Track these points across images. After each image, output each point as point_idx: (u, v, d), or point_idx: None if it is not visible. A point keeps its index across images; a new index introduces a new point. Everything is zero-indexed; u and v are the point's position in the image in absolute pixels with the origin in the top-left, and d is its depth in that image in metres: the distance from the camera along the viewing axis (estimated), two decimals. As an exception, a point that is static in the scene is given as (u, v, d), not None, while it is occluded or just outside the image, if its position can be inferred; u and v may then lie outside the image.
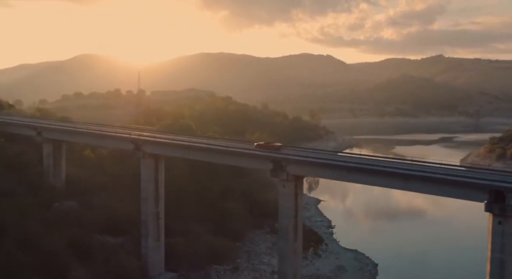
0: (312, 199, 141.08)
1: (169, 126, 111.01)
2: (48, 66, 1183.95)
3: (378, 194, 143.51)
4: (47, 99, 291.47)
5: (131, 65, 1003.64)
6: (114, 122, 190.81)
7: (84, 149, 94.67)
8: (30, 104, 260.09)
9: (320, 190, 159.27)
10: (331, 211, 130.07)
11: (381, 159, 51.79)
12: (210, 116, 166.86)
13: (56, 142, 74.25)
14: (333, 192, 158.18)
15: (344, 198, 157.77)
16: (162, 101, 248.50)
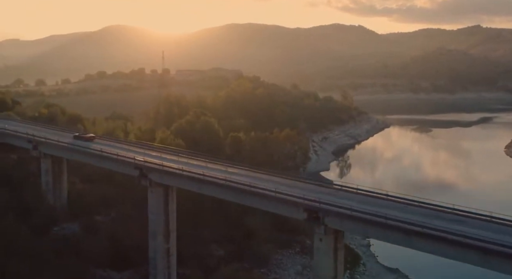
0: None
1: (189, 123, 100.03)
2: (78, 37, 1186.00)
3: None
4: (70, 79, 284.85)
5: (159, 36, 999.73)
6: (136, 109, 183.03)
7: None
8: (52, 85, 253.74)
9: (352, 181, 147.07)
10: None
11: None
12: (236, 103, 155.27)
13: (55, 157, 64.73)
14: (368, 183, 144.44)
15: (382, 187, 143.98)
16: (187, 82, 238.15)
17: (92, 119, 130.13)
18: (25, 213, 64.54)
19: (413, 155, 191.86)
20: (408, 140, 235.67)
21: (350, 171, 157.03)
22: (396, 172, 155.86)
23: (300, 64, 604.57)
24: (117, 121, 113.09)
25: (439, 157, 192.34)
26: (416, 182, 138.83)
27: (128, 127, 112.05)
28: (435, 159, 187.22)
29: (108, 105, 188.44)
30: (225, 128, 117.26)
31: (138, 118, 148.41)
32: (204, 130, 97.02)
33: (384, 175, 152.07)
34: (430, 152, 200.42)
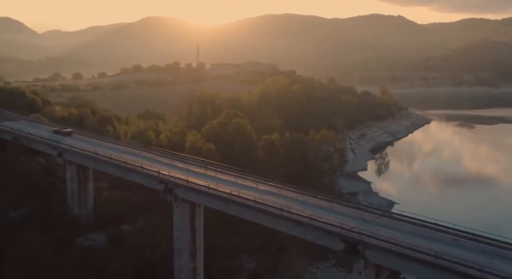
0: (382, 201, 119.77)
1: (221, 125, 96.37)
2: (117, 28, 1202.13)
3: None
4: (106, 72, 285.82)
5: (196, 27, 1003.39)
6: (169, 104, 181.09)
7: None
8: (89, 79, 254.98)
9: (392, 182, 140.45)
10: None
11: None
12: (271, 100, 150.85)
13: (81, 164, 62.14)
14: (412, 188, 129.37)
15: (430, 199, 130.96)
16: (221, 76, 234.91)
17: (124, 117, 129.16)
18: (49, 223, 62.29)
19: (456, 155, 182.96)
20: (450, 137, 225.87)
21: (389, 171, 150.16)
22: (438, 174, 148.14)
23: (338, 56, 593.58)
24: (149, 121, 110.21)
25: (484, 157, 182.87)
26: (461, 184, 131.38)
27: (160, 127, 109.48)
28: (479, 158, 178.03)
29: (142, 100, 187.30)
30: (259, 128, 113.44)
31: (171, 116, 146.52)
32: (237, 132, 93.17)
33: (425, 177, 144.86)
34: (473, 151, 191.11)
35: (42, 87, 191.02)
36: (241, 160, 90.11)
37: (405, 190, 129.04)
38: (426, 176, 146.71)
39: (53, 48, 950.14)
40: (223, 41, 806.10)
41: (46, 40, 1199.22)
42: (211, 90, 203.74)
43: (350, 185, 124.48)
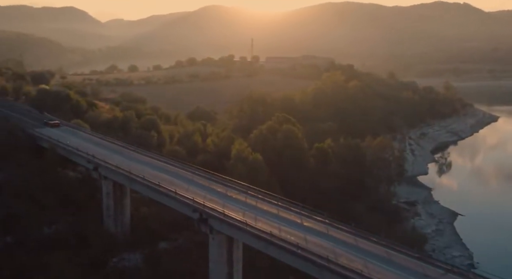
0: (445, 212, 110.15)
1: (271, 130, 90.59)
2: (177, 17, 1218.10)
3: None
4: (163, 63, 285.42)
5: (254, 15, 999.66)
6: (222, 100, 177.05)
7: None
8: (144, 71, 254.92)
9: (456, 188, 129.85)
10: (475, 235, 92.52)
11: None
12: (326, 99, 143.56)
13: (118, 178, 58.59)
14: (479, 196, 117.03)
15: (496, 211, 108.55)
16: (276, 70, 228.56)
17: (174, 115, 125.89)
18: (83, 241, 58.95)
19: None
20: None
21: (452, 176, 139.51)
22: (510, 179, 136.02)
23: (398, 46, 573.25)
24: (197, 123, 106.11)
25: None
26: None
27: (208, 129, 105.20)
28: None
29: (194, 96, 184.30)
30: (311, 132, 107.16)
31: (222, 114, 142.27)
32: (286, 140, 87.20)
33: (494, 182, 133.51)
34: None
35: (96, 81, 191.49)
36: (290, 170, 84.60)
37: (471, 198, 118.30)
38: (495, 181, 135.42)
39: (114, 37, 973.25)
40: (281, 29, 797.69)
41: (109, 29, 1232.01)
42: (265, 85, 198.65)
43: (408, 192, 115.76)
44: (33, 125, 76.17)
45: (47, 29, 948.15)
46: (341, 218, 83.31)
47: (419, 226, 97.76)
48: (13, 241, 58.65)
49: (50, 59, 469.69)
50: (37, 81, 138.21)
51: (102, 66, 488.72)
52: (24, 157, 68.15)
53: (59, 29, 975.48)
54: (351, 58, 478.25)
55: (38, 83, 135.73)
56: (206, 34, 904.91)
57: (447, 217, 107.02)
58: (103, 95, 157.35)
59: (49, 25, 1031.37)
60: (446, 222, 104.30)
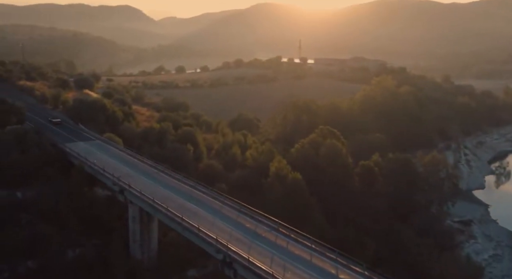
0: (503, 233, 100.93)
1: (313, 145, 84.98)
2: (229, 14, 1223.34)
3: None
4: (209, 65, 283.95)
5: (306, 13, 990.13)
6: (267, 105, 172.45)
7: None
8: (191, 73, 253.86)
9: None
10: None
11: None
12: (375, 105, 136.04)
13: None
14: None
15: None
16: (325, 72, 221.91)
17: (215, 123, 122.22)
18: (108, 267, 55.68)
19: None
20: None
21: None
22: None
23: (455, 45, 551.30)
24: (237, 133, 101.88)
25: None
26: None
27: (248, 140, 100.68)
28: None
29: (239, 99, 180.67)
30: (357, 145, 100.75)
31: (265, 121, 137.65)
32: (329, 156, 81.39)
33: None
34: None
35: (142, 84, 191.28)
36: (332, 190, 78.92)
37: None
38: None
39: (167, 35, 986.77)
40: (332, 28, 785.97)
41: (162, 27, 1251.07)
42: (312, 88, 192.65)
43: (463, 209, 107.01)
44: (65, 139, 73.85)
45: (103, 27, 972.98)
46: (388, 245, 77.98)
47: (474, 250, 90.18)
48: (35, 265, 56.19)
49: (104, 58, 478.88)
50: (81, 85, 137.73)
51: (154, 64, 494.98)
52: (53, 174, 65.71)
53: (114, 27, 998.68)
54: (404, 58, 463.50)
55: (82, 87, 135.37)
56: (256, 32, 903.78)
57: (506, 240, 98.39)
58: (147, 99, 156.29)
59: (104, 24, 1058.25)
60: (505, 245, 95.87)
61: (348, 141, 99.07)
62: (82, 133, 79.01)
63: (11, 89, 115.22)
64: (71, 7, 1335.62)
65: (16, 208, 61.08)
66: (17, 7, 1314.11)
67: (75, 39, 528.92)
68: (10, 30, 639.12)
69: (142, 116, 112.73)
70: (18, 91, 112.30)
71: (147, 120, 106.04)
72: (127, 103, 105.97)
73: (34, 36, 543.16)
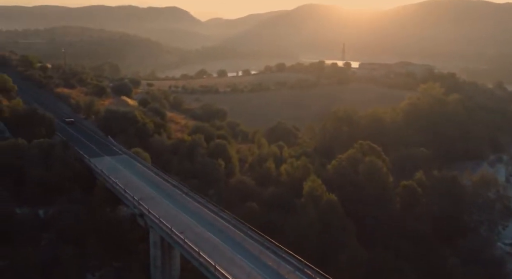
0: None
1: (351, 161, 79.94)
2: (274, 16, 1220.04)
3: None
4: (252, 67, 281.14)
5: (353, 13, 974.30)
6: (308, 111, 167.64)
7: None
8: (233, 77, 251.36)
9: None
10: None
11: None
12: (421, 115, 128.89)
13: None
14: None
15: None
16: (369, 78, 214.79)
17: (252, 132, 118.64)
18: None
19: None
20: None
21: None
22: None
23: (505, 46, 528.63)
24: (273, 146, 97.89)
25: None
26: None
27: (284, 153, 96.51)
28: None
29: (279, 106, 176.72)
30: (400, 160, 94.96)
31: (304, 130, 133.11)
32: (369, 175, 76.22)
33: None
34: None
35: (182, 88, 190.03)
36: (370, 211, 73.74)
37: None
38: None
39: (213, 37, 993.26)
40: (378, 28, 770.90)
41: (208, 28, 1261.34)
42: (355, 95, 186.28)
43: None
44: (93, 153, 71.71)
45: (150, 29, 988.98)
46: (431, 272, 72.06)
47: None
48: (52, 291, 53.86)
49: (149, 59, 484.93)
50: (118, 92, 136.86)
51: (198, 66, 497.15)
52: (77, 191, 63.54)
53: (161, 29, 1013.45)
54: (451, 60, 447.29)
55: (119, 94, 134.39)
56: (301, 33, 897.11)
57: None
58: (186, 105, 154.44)
59: (152, 25, 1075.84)
60: None
61: (390, 156, 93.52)
62: (110, 147, 76.84)
63: (48, 97, 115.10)
64: (120, 9, 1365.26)
65: (37, 227, 59.13)
66: (69, 8, 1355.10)
67: (122, 41, 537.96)
68: (61, 32, 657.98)
69: (177, 125, 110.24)
70: (55, 98, 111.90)
71: (181, 130, 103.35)
72: (161, 112, 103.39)
73: (84, 37, 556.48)
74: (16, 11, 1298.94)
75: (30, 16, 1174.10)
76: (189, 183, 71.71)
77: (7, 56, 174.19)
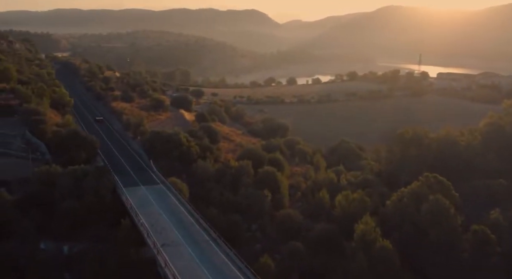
0: None
1: (414, 197, 70.49)
2: (353, 18, 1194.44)
3: None
4: (326, 72, 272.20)
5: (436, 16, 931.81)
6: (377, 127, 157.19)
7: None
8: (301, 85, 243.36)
9: None
10: None
11: None
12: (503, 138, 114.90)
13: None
14: None
15: None
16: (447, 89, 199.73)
17: (311, 151, 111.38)
18: None
19: None
20: None
21: None
22: None
23: None
24: (330, 172, 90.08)
25: None
26: None
27: (342, 180, 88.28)
28: None
29: (347, 119, 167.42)
30: (474, 194, 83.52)
31: (370, 150, 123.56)
32: (433, 215, 66.59)
33: None
34: None
35: (247, 99, 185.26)
36: (434, 258, 64.21)
37: None
38: None
39: (290, 39, 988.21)
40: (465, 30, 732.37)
41: (286, 30, 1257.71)
42: (430, 108, 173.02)
43: None
44: (129, 181, 67.49)
45: (229, 31, 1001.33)
46: None
47: None
48: None
49: (222, 64, 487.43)
50: (178, 104, 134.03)
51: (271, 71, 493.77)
52: (105, 225, 59.26)
53: (239, 31, 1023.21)
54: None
55: (178, 107, 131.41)
56: (380, 36, 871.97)
57: None
58: (247, 118, 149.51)
59: (231, 28, 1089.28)
60: None
61: (463, 187, 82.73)
62: (149, 173, 72.38)
63: (104, 111, 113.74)
64: (201, 12, 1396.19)
65: (60, 266, 55.38)
66: (153, 12, 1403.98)
67: (197, 45, 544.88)
68: (142, 35, 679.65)
69: (230, 144, 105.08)
70: (110, 113, 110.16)
71: (233, 150, 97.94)
72: (214, 131, 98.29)
73: (162, 41, 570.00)
74: (104, 14, 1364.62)
75: (116, 19, 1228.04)
76: (230, 217, 66.02)
77: (78, 65, 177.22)
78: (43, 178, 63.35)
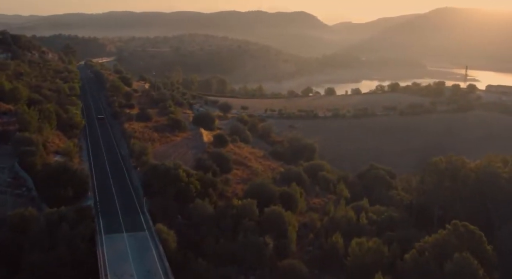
0: None
1: (437, 250, 60.55)
2: (405, 20, 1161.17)
3: None
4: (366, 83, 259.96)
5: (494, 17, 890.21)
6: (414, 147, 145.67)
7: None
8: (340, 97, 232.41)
9: None
10: None
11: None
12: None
13: None
14: None
15: None
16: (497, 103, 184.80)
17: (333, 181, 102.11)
18: None
19: None
20: None
21: None
22: None
23: None
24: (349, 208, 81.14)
25: None
26: None
27: (362, 218, 78.94)
28: None
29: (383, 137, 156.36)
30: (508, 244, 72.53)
31: (403, 178, 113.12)
32: (458, 275, 56.73)
33: None
34: None
35: (278, 113, 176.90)
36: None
37: None
38: None
39: (338, 42, 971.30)
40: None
41: (335, 32, 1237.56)
42: (476, 126, 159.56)
43: None
44: (112, 226, 60.75)
45: (276, 34, 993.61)
46: None
47: None
48: None
49: (263, 69, 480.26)
50: (199, 122, 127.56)
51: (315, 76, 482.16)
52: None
53: (287, 34, 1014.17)
54: None
55: (199, 125, 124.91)
56: (432, 39, 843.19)
57: None
58: (274, 136, 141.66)
59: (278, 30, 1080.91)
60: None
61: (501, 231, 71.96)
62: (138, 215, 65.43)
63: (115, 132, 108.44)
64: (250, 14, 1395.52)
65: None
66: (202, 14, 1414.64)
67: (240, 50, 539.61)
68: (188, 39, 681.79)
69: (245, 170, 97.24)
70: (121, 135, 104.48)
71: (246, 180, 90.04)
72: (226, 157, 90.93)
73: (205, 46, 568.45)
74: (155, 17, 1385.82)
75: (167, 22, 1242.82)
76: (222, 270, 58.57)
77: (105, 76, 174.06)
78: (15, 223, 57.52)
